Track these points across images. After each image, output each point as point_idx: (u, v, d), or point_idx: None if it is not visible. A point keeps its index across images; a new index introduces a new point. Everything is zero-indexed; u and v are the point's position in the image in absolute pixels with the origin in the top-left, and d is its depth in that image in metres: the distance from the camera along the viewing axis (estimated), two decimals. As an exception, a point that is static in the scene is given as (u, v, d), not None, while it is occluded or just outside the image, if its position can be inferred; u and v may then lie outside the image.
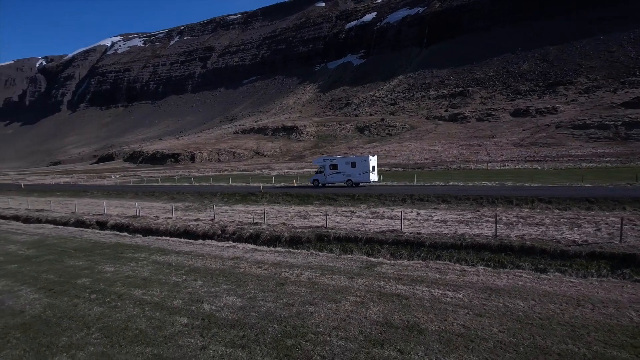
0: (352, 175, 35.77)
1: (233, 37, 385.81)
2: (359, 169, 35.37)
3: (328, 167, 37.29)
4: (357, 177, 35.59)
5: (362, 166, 35.23)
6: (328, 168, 37.25)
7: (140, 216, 25.82)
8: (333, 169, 36.91)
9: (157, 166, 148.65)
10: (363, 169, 35.07)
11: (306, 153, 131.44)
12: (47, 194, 46.84)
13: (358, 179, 35.62)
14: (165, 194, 37.11)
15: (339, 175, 36.52)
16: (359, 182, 35.85)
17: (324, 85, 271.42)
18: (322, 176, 37.68)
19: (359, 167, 35.36)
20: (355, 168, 35.62)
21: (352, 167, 35.82)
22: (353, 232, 17.29)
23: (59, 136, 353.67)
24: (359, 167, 35.36)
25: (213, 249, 16.16)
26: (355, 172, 35.63)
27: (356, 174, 35.59)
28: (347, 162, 36.97)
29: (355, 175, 35.63)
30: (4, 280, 13.16)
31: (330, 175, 37.04)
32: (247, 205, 28.36)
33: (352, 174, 35.80)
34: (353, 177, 35.71)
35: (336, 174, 36.70)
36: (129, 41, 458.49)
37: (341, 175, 36.40)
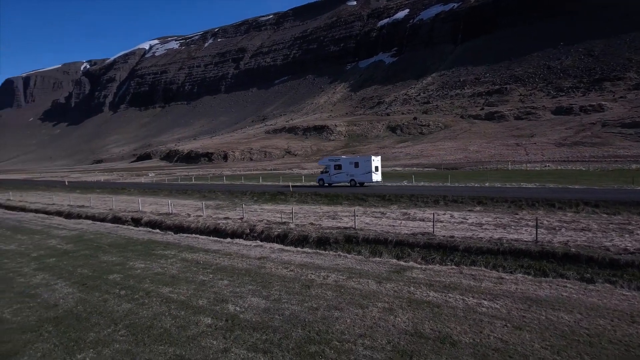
0: (355, 175, 36.40)
1: (265, 38, 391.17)
2: (361, 169, 35.92)
3: (333, 167, 38.14)
4: (360, 177, 36.14)
5: (365, 166, 35.74)
6: (333, 168, 38.11)
7: (172, 214, 26.36)
8: (337, 169, 37.77)
9: (192, 165, 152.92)
10: (365, 169, 35.60)
11: (337, 152, 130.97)
12: (88, 191, 49.03)
13: (361, 179, 36.12)
14: (197, 192, 37.85)
15: (343, 175, 37.25)
16: (362, 182, 36.26)
17: (355, 84, 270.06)
18: (327, 176, 38.68)
19: (362, 168, 35.90)
20: (358, 168, 36.20)
21: (356, 167, 36.39)
22: (382, 234, 16.78)
23: (101, 136, 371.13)
24: (362, 168, 35.90)
25: (240, 248, 16.13)
26: (358, 172, 36.21)
27: (359, 174, 36.15)
28: (350, 162, 37.52)
29: (358, 175, 36.22)
30: (43, 274, 13.64)
31: (334, 175, 37.94)
32: (276, 205, 28.35)
33: (355, 174, 36.44)
34: (356, 177, 36.36)
35: (340, 174, 37.49)
36: (166, 44, 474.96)
37: (345, 175, 37.12)
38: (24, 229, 23.90)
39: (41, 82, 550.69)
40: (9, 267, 14.73)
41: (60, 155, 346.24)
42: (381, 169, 38.78)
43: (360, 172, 36.13)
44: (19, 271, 14.14)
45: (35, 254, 16.88)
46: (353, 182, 36.60)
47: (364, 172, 35.81)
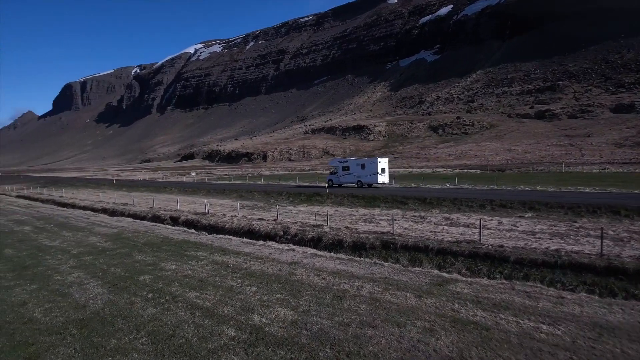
0: (362, 176, 37.15)
1: (305, 39, 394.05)
2: (368, 171, 36.65)
3: (341, 169, 39.18)
4: (366, 178, 36.87)
5: (371, 168, 36.45)
6: (341, 169, 39.15)
7: (208, 213, 26.44)
8: (345, 170, 38.74)
9: (232, 165, 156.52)
10: (371, 170, 36.31)
11: (376, 153, 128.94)
12: (133, 189, 50.95)
13: (367, 180, 36.81)
14: (234, 191, 38.08)
15: (351, 176, 38.14)
16: (370, 184, 36.91)
17: (395, 83, 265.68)
18: (335, 177, 39.68)
19: (368, 169, 36.66)
20: (364, 170, 36.99)
21: (362, 168, 37.21)
22: (423, 241, 15.60)
23: (149, 136, 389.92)
24: (368, 169, 36.66)
25: (272, 252, 15.57)
26: (365, 174, 36.92)
27: (365, 175, 36.87)
28: (357, 164, 38.24)
29: (365, 176, 36.92)
30: (78, 272, 13.75)
31: (342, 176, 38.91)
32: (312, 206, 27.72)
33: (361, 175, 37.21)
34: (362, 178, 37.12)
35: (348, 175, 38.45)
36: (210, 47, 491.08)
37: (352, 176, 38.00)
38: (70, 225, 24.81)
39: (96, 86, 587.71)
40: (49, 264, 15.03)
41: (113, 154, 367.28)
42: (419, 170, 37.78)
43: (366, 174, 36.78)
44: (57, 268, 14.37)
45: (75, 251, 17.24)
46: (360, 183, 37.38)
47: (370, 174, 36.39)
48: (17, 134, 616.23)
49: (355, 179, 37.70)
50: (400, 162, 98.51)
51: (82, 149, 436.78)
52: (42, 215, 30.08)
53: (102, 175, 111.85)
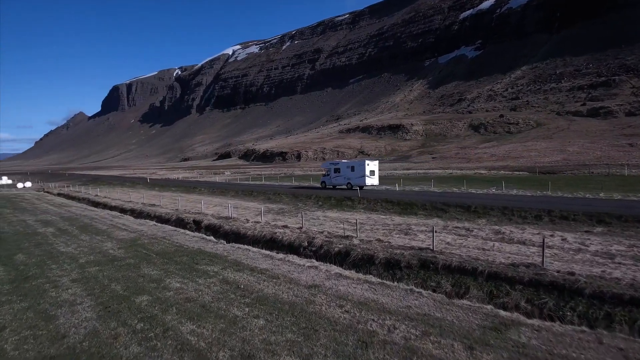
0: (352, 178, 37.68)
1: (340, 38, 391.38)
2: (357, 173, 37.14)
3: (333, 171, 39.86)
4: (355, 180, 37.33)
5: (359, 170, 36.96)
6: (333, 171, 39.84)
7: (232, 218, 24.94)
8: (337, 172, 39.41)
9: (267, 164, 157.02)
10: (360, 172, 36.82)
11: (413, 153, 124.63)
12: (165, 189, 50.90)
13: (356, 182, 37.25)
14: (262, 193, 36.58)
15: (341, 178, 38.80)
16: (360, 185, 37.11)
17: (433, 81, 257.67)
18: (328, 178, 40.41)
19: (357, 171, 37.16)
20: (354, 172, 37.50)
21: (352, 170, 37.75)
22: (470, 261, 13.04)
23: (189, 135, 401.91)
24: (357, 171, 37.16)
25: (291, 269, 13.57)
26: (354, 176, 37.43)
27: (354, 177, 37.37)
28: (347, 166, 38.66)
29: (354, 178, 37.42)
30: (76, 287, 12.39)
31: (334, 177, 39.62)
32: (342, 212, 25.54)
33: (351, 177, 37.77)
34: (352, 180, 37.67)
35: (339, 177, 39.12)
36: (247, 48, 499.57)
37: (343, 178, 38.63)
38: (92, 228, 24.09)
39: (141, 88, 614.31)
40: (51, 275, 13.85)
41: (155, 153, 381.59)
42: (460, 171, 35.03)
43: (355, 176, 37.32)
44: (57, 281, 13.11)
45: (84, 259, 16.08)
46: (349, 184, 37.99)
47: (359, 176, 36.95)
48: (70, 133, 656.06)
49: (346, 180, 38.35)
50: (439, 162, 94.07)
51: (127, 147, 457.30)
52: (70, 216, 29.85)
53: (140, 173, 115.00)
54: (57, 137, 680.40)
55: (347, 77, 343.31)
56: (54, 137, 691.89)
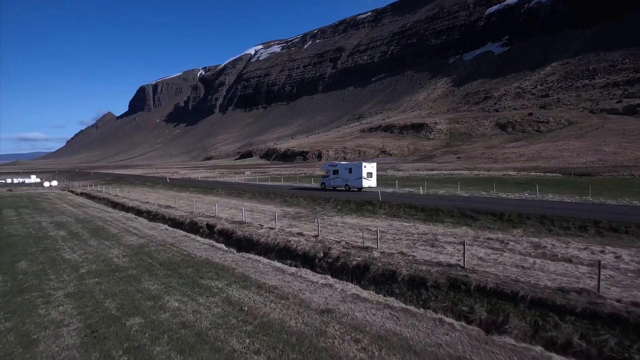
0: (349, 180, 37.76)
1: (362, 36, 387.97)
2: (354, 175, 37.20)
3: (332, 172, 39.92)
4: (352, 182, 37.48)
5: (357, 172, 36.96)
6: (332, 173, 39.89)
7: (245, 223, 23.75)
8: (335, 174, 39.44)
9: (287, 163, 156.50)
10: (357, 174, 36.84)
11: (436, 152, 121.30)
12: (183, 189, 50.49)
13: (353, 184, 37.40)
14: (279, 196, 35.36)
15: (340, 179, 38.84)
16: (358, 187, 37.17)
17: (458, 78, 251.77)
18: (327, 180, 40.52)
19: (354, 173, 37.21)
20: (351, 174, 37.53)
21: (349, 172, 37.75)
22: (508, 283, 11.26)
23: (212, 135, 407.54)
24: (354, 173, 37.21)
25: (303, 287, 12.14)
26: (351, 178, 37.47)
27: (352, 179, 37.46)
28: (345, 168, 38.63)
29: (351, 180, 37.50)
30: (68, 304, 11.34)
31: (333, 179, 39.66)
32: (362, 218, 23.94)
33: (349, 179, 37.81)
34: (349, 182, 37.75)
35: (337, 179, 39.14)
36: (269, 48, 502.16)
37: (341, 180, 38.67)
38: (103, 231, 23.39)
39: (166, 89, 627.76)
40: (47, 288, 12.91)
41: (179, 152, 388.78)
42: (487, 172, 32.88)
43: (353, 178, 37.38)
44: (51, 296, 12.13)
45: (86, 268, 15.15)
46: (347, 186, 38.11)
47: (356, 178, 36.98)
48: (99, 133, 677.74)
49: (344, 182, 38.43)
50: (465, 162, 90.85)
51: (152, 146, 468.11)
52: (85, 218, 29.44)
53: (163, 172, 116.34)
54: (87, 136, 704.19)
55: (369, 76, 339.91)
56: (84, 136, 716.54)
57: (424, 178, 57.45)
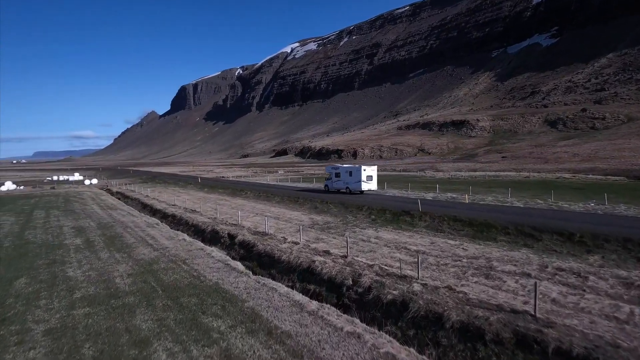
0: (350, 183, 37.55)
1: (400, 31, 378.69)
2: (354, 178, 36.96)
3: (334, 175, 39.84)
4: (352, 185, 37.22)
5: (356, 175, 36.72)
6: (334, 176, 39.80)
7: (268, 234, 21.56)
8: (337, 176, 39.39)
9: (322, 161, 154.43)
10: (357, 178, 36.62)
11: (479, 151, 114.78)
12: (213, 190, 49.38)
13: (353, 187, 37.16)
14: (309, 201, 32.98)
15: (341, 182, 38.74)
16: (358, 190, 36.89)
17: (502, 73, 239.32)
18: (330, 182, 40.45)
19: (354, 176, 36.95)
20: (351, 177, 37.32)
21: (350, 175, 37.60)
22: (603, 349, 8.16)
23: (248, 133, 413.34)
24: (354, 176, 36.95)
25: (324, 336, 9.58)
26: (352, 180, 37.23)
27: (352, 182, 37.20)
28: (346, 171, 38.48)
29: (352, 183, 37.26)
30: (39, 349, 9.41)
31: (335, 182, 39.56)
32: (399, 232, 21.03)
33: (349, 182, 37.62)
34: (350, 185, 37.54)
35: (339, 181, 39.04)
36: (305, 46, 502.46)
37: (342, 182, 38.53)
38: (119, 241, 21.99)
39: (206, 88, 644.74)
40: (28, 319, 11.19)
41: (217, 149, 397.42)
42: (537, 174, 29.55)
43: (353, 181, 37.13)
44: (28, 332, 10.33)
45: (82, 292, 13.42)
46: (348, 189, 37.92)
47: (356, 181, 36.74)
48: (143, 131, 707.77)
49: (345, 185, 38.25)
50: (511, 162, 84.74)
51: (192, 144, 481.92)
52: (108, 222, 28.46)
53: (199, 170, 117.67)
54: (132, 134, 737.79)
55: (407, 72, 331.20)
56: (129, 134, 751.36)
57: (467, 180, 53.17)
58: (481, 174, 65.11)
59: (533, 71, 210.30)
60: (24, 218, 31.23)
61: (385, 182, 48.08)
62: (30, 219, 30.78)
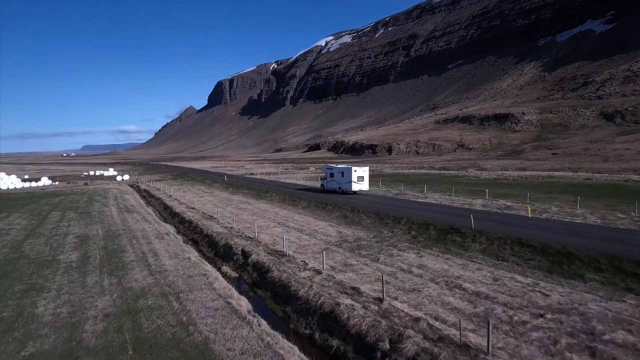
0: (342, 183, 37.78)
1: (438, 21, 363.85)
2: (345, 178, 37.21)
3: (329, 175, 40.11)
4: (344, 186, 37.45)
5: (347, 176, 36.95)
6: (329, 175, 40.07)
7: (287, 256, 18.01)
8: (331, 177, 39.63)
9: (355, 157, 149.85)
10: (348, 178, 36.87)
11: (525, 147, 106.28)
12: (238, 191, 46.58)
13: (345, 187, 37.36)
14: (338, 207, 29.09)
15: (335, 182, 38.96)
16: (350, 191, 37.00)
17: (550, 62, 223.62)
18: (326, 182, 40.77)
19: (346, 177, 37.21)
20: (343, 177, 37.56)
21: (342, 176, 37.80)
22: None
23: (282, 127, 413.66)
24: (346, 177, 37.21)
25: None
26: (344, 181, 37.46)
27: (344, 183, 37.45)
28: (339, 171, 38.69)
29: (343, 183, 37.50)
30: None
31: (329, 182, 39.89)
32: (447, 258, 16.79)
33: (341, 182, 37.82)
34: (342, 185, 37.77)
35: (333, 182, 39.26)
36: (340, 39, 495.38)
37: (336, 182, 38.78)
38: (118, 258, 19.19)
39: (241, 83, 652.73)
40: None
41: (252, 143, 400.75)
42: (598, 175, 24.73)
43: (344, 181, 37.41)
44: None
45: (35, 345, 10.38)
46: (340, 189, 38.09)
47: (347, 182, 37.04)
48: (181, 125, 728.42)
49: (337, 185, 38.48)
50: (563, 160, 76.90)
51: (228, 138, 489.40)
52: (116, 230, 25.98)
53: (231, 166, 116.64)
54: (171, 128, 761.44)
55: (445, 63, 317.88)
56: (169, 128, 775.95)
57: (518, 182, 47.39)
58: (532, 173, 58.63)
59: (585, 60, 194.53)
60: (36, 222, 29.49)
61: (425, 184, 43.37)
62: (41, 223, 28.95)
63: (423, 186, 41.63)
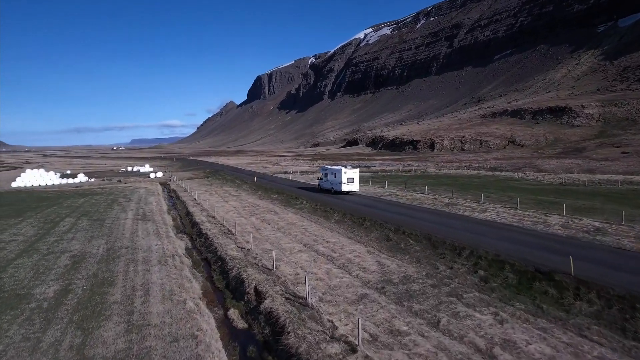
0: (334, 184, 39.16)
1: (484, 9, 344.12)
2: (337, 179, 38.59)
3: (324, 175, 41.25)
4: (335, 186, 38.75)
5: (338, 177, 38.36)
6: (324, 176, 41.21)
7: (310, 307, 13.40)
8: (326, 177, 40.80)
9: (395, 153, 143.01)
10: (338, 179, 38.29)
11: (587, 144, 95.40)
12: (266, 194, 42.56)
13: (336, 188, 38.59)
14: (379, 226, 24.00)
15: (328, 183, 40.26)
16: (342, 191, 38.04)
17: (611, 50, 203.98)
18: (321, 182, 41.81)
19: (337, 178, 38.56)
20: (335, 178, 38.93)
21: (334, 177, 39.12)
22: None
23: (320, 121, 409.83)
24: (337, 178, 38.56)
25: None
26: (335, 182, 38.85)
27: (335, 183, 38.81)
28: (332, 172, 39.87)
29: (335, 184, 38.83)
30: None
31: (324, 182, 41.13)
32: (544, 328, 11.39)
33: (333, 183, 39.23)
34: (334, 186, 39.07)
35: (327, 182, 40.53)
36: (379, 31, 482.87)
37: (329, 183, 40.06)
38: (99, 296, 15.41)
39: (279, 77, 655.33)
40: None
41: (289, 138, 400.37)
42: None
43: (336, 182, 38.58)
44: None
45: None
46: (333, 189, 39.21)
47: (338, 182, 38.19)
48: (222, 120, 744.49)
49: (330, 185, 39.63)
50: (635, 160, 67.00)
51: (266, 132, 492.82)
52: (118, 249, 22.50)
53: (266, 162, 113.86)
54: (212, 123, 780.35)
55: (492, 53, 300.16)
56: (210, 123, 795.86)
57: (593, 189, 40.05)
58: (604, 177, 50.44)
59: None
60: (42, 232, 26.78)
61: (479, 191, 37.23)
62: (47, 234, 26.18)
63: (478, 194, 35.58)
